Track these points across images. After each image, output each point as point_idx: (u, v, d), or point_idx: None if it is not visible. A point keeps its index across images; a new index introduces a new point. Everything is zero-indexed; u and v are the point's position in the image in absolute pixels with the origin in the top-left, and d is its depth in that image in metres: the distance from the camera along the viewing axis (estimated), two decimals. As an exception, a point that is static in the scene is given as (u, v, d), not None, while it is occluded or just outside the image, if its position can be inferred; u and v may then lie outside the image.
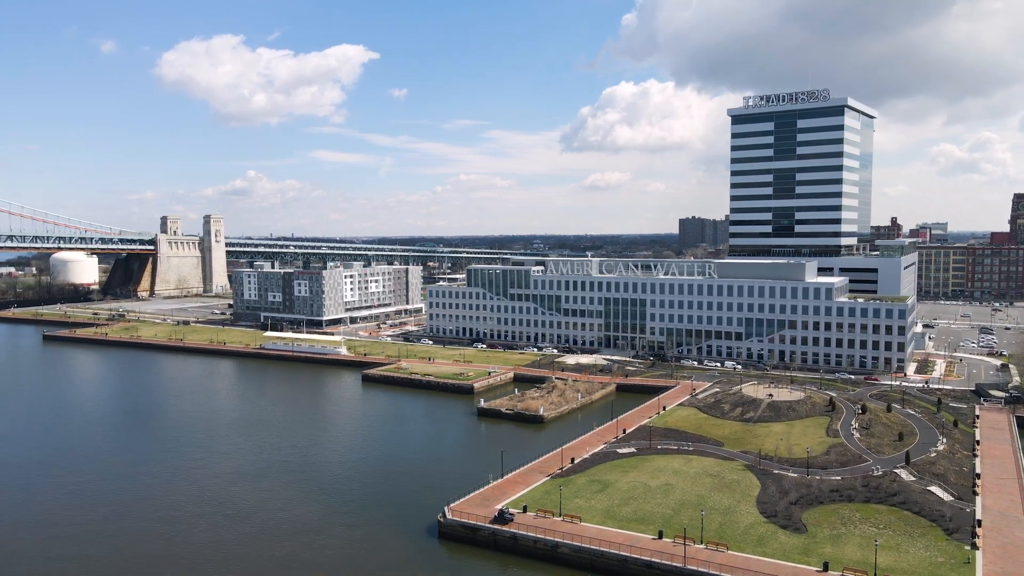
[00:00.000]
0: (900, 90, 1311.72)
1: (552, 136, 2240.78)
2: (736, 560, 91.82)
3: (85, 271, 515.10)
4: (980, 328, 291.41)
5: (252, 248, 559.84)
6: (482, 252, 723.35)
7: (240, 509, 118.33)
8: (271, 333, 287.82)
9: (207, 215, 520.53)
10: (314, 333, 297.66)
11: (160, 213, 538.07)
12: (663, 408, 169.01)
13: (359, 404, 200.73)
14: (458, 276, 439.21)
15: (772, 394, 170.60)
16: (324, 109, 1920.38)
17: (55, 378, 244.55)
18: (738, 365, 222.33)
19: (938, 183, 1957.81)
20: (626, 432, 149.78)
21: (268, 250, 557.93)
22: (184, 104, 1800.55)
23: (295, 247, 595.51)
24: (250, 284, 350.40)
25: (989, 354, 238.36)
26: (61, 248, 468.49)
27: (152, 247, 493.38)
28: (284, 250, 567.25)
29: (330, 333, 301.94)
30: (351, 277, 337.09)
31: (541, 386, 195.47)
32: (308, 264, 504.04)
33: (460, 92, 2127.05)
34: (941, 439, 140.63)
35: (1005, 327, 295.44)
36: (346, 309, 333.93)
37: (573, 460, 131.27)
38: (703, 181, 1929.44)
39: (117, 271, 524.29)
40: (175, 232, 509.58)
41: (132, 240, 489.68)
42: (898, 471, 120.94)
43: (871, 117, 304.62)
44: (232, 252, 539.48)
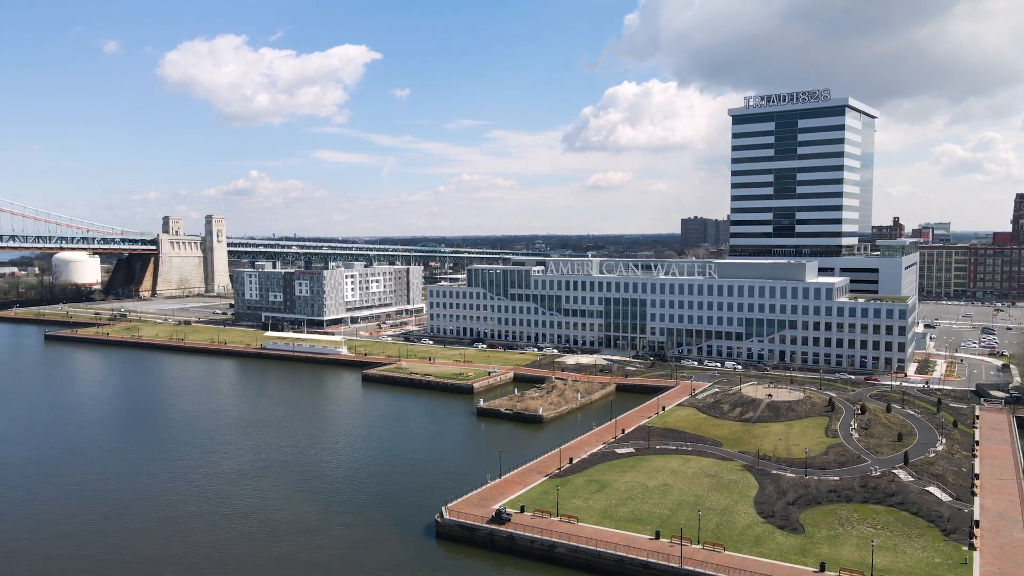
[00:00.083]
0: (903, 90, 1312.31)
1: (554, 136, 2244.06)
2: (733, 560, 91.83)
3: (87, 271, 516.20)
4: (981, 328, 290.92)
5: (254, 248, 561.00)
6: (484, 252, 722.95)
7: (239, 509, 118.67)
8: (272, 333, 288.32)
9: (209, 215, 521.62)
10: (315, 333, 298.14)
11: (163, 213, 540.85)
12: (662, 408, 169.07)
13: (359, 404, 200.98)
14: (459, 276, 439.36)
15: (771, 394, 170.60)
16: (327, 109, 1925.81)
17: (56, 378, 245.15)
18: (738, 365, 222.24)
19: (941, 183, 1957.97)
20: (625, 432, 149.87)
21: (270, 250, 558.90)
22: (187, 104, 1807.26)
23: (297, 247, 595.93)
24: (251, 284, 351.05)
25: (990, 354, 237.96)
26: (63, 248, 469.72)
27: (154, 247, 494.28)
28: (286, 250, 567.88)
29: (331, 333, 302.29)
30: (352, 277, 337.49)
31: (541, 386, 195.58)
32: (310, 264, 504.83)
33: (462, 92, 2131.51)
34: (940, 439, 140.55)
35: (1007, 327, 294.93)
36: (347, 309, 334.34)
37: (571, 460, 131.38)
38: (705, 181, 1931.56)
39: (119, 271, 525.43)
40: (177, 232, 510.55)
41: (134, 240, 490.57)
42: (896, 471, 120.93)
43: (872, 117, 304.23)
44: (234, 252, 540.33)
